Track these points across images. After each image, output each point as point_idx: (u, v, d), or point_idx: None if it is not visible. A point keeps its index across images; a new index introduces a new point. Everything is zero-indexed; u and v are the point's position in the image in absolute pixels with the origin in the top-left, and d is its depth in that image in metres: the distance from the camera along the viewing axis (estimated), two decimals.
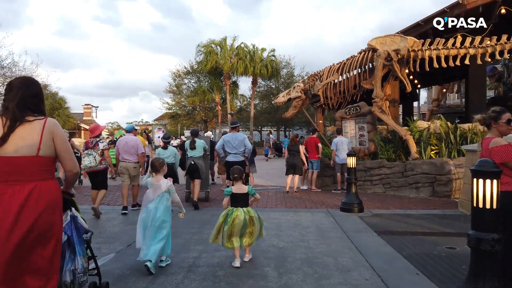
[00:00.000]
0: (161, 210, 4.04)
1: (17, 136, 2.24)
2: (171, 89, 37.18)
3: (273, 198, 9.18)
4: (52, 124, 2.35)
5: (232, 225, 4.02)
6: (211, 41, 30.19)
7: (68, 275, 2.64)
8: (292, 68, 36.60)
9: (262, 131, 45.84)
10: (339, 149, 10.19)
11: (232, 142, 7.85)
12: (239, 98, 36.36)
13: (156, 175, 4.26)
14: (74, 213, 2.78)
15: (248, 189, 4.27)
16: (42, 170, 2.30)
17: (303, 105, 12.65)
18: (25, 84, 2.39)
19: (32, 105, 2.35)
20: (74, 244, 2.69)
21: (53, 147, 2.34)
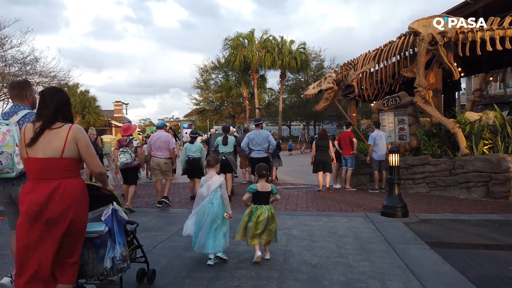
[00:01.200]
0: (217, 205, 4.15)
1: (45, 141, 2.54)
2: (198, 85, 36.87)
3: (304, 199, 8.35)
4: (75, 131, 2.60)
5: (257, 223, 4.11)
6: (238, 34, 29.54)
7: (108, 262, 2.89)
8: (322, 60, 35.38)
9: (291, 125, 44.86)
10: (377, 144, 9.22)
11: (257, 139, 8.11)
12: (267, 92, 35.54)
13: (210, 171, 4.43)
14: (116, 207, 3.04)
15: (272, 187, 4.35)
16: (66, 170, 2.57)
17: (335, 97, 11.68)
18: (56, 94, 2.68)
19: (62, 112, 2.64)
20: (115, 235, 2.94)
21: (77, 150, 2.61)
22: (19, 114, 3.10)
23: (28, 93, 3.25)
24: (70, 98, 2.81)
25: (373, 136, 9.39)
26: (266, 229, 4.15)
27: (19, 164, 2.93)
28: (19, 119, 3.06)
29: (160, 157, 7.43)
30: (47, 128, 2.56)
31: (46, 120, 2.57)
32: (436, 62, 9.91)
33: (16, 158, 2.93)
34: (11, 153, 2.93)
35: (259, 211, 4.17)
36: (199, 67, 36.19)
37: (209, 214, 4.09)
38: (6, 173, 2.95)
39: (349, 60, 11.43)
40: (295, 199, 8.44)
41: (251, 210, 4.23)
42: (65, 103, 2.69)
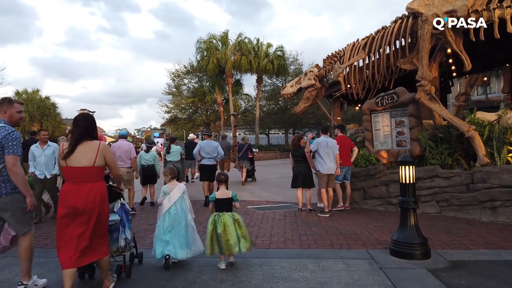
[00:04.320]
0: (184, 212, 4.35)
1: (80, 153, 3.30)
2: (170, 91, 34.52)
3: (281, 226, 6.29)
4: (103, 147, 3.41)
5: (225, 232, 4.09)
6: (211, 36, 27.49)
7: (122, 242, 3.84)
8: (300, 65, 33.66)
9: (269, 133, 42.96)
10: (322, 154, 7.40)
11: (207, 148, 8.67)
12: (243, 98, 33.51)
13: (171, 181, 4.54)
14: (123, 202, 4.03)
15: (232, 194, 4.37)
16: (95, 175, 3.36)
17: (318, 96, 9.77)
18: (85, 119, 3.45)
19: (89, 133, 3.40)
20: (124, 222, 3.91)
21: (104, 161, 3.41)
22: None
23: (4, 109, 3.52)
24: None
25: (318, 142, 7.44)
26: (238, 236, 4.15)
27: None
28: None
29: (122, 166, 7.45)
30: (78, 145, 3.31)
31: (78, 139, 3.33)
32: (440, 50, 8.14)
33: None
34: None
35: (222, 218, 4.18)
36: (170, 71, 33.94)
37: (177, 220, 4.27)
38: None
39: (334, 51, 9.55)
40: (270, 225, 6.37)
41: (214, 218, 4.24)
42: (91, 126, 3.44)
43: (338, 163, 7.43)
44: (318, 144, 7.40)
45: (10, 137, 3.29)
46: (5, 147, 3.26)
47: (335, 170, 7.39)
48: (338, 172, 7.47)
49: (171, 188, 4.41)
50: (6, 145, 3.26)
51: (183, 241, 4.18)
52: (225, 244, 4.05)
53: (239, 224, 4.21)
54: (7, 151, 3.26)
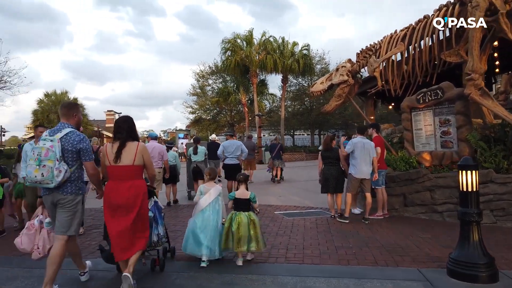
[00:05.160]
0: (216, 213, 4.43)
1: (123, 154, 3.56)
2: (194, 92, 34.34)
3: (314, 236, 5.65)
4: (141, 147, 3.66)
5: (238, 231, 4.24)
6: (236, 35, 27.03)
7: (155, 237, 4.04)
8: (327, 64, 32.72)
9: (294, 135, 42.18)
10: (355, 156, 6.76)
11: (230, 148, 8.85)
12: (268, 99, 32.87)
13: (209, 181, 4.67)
14: (155, 199, 4.20)
15: (250, 196, 4.48)
16: (135, 173, 3.61)
17: (351, 94, 9.05)
18: (125, 122, 3.71)
19: (130, 134, 3.66)
20: (157, 218, 4.11)
21: (142, 160, 3.65)
22: (62, 131, 3.49)
23: (74, 113, 3.69)
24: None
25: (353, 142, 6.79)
26: (251, 236, 4.26)
27: (58, 176, 3.33)
28: (62, 136, 3.45)
29: (155, 166, 7.39)
30: (122, 146, 3.57)
31: (122, 141, 3.60)
32: (490, 41, 7.28)
33: (56, 171, 3.32)
34: (51, 166, 3.32)
35: (238, 217, 4.32)
36: (195, 72, 33.73)
37: (210, 221, 4.35)
38: (46, 184, 3.35)
39: (368, 45, 8.81)
40: (301, 235, 5.74)
41: (231, 216, 4.38)
42: (131, 127, 3.70)
43: (375, 167, 6.75)
44: (354, 145, 6.73)
45: (85, 144, 3.55)
46: (82, 154, 3.53)
47: (369, 174, 6.72)
48: (375, 177, 6.79)
49: (208, 189, 4.53)
50: (83, 152, 3.53)
51: (213, 241, 4.28)
52: (236, 242, 4.23)
53: (254, 224, 4.32)
54: (85, 158, 3.55)
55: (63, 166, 3.36)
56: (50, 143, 3.37)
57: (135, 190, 3.53)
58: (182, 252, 4.53)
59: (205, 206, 4.40)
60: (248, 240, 4.23)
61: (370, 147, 6.75)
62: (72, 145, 3.45)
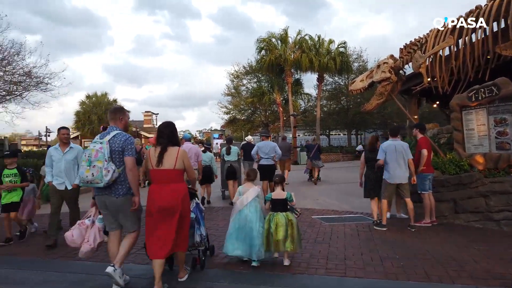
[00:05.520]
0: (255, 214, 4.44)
1: (165, 158, 3.68)
2: (229, 92, 34.42)
3: (356, 245, 5.25)
4: (182, 152, 3.80)
5: (276, 231, 4.25)
6: (270, 34, 26.76)
7: (198, 237, 4.15)
8: (365, 62, 31.75)
9: (330, 135, 41.34)
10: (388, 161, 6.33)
11: (264, 149, 8.72)
12: (303, 98, 32.32)
13: (248, 182, 4.75)
14: (197, 201, 4.29)
15: (287, 196, 4.51)
16: (176, 177, 3.73)
17: (394, 91, 8.51)
18: (167, 127, 3.86)
19: (171, 139, 3.80)
20: (199, 219, 4.21)
21: (183, 165, 3.78)
22: (111, 134, 3.71)
23: (120, 117, 3.91)
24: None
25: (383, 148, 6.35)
26: (288, 236, 4.26)
27: (106, 176, 3.51)
28: (110, 138, 3.67)
29: None
30: (164, 151, 3.70)
31: (163, 146, 3.72)
32: None
33: (104, 171, 3.50)
34: (101, 166, 3.50)
35: (276, 217, 4.34)
36: (229, 73, 33.78)
37: (248, 222, 4.38)
38: (96, 183, 3.53)
39: (413, 39, 8.25)
40: (342, 243, 5.37)
41: (269, 218, 4.42)
42: (172, 133, 3.86)
43: (412, 170, 6.30)
44: (386, 149, 6.33)
45: (128, 141, 3.71)
46: (125, 150, 3.68)
47: (407, 178, 6.27)
48: (414, 180, 6.34)
49: (246, 189, 4.55)
50: (126, 148, 3.68)
51: (253, 242, 4.30)
52: (274, 242, 4.25)
53: (292, 225, 4.33)
54: (127, 153, 3.68)
55: (111, 166, 3.56)
56: (99, 145, 3.59)
57: (176, 193, 3.64)
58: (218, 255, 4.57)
59: (243, 207, 4.44)
60: (284, 239, 4.25)
61: (403, 148, 6.30)
62: (118, 145, 3.67)
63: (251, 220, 4.37)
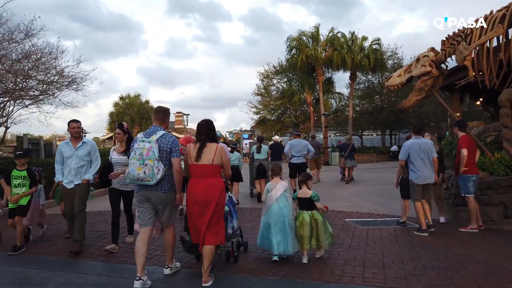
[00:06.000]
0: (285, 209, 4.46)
1: (204, 154, 3.84)
2: (259, 92, 34.18)
3: (395, 251, 4.83)
4: (220, 148, 3.93)
5: (301, 229, 4.37)
6: (301, 32, 26.27)
7: (230, 230, 4.28)
8: (400, 59, 30.58)
9: (363, 135, 40.25)
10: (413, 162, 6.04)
11: (297, 147, 9.01)
12: (334, 98, 31.57)
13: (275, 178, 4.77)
14: (230, 195, 4.48)
15: (312, 195, 4.50)
16: (214, 172, 3.87)
17: (434, 87, 7.92)
18: (205, 125, 3.99)
19: (209, 136, 3.94)
20: (232, 212, 4.39)
21: (221, 160, 3.89)
22: (157, 134, 3.82)
23: (167, 119, 4.12)
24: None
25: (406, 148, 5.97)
26: (313, 234, 4.35)
27: (158, 174, 3.66)
28: (157, 138, 3.78)
29: None
30: (203, 147, 3.85)
31: (202, 142, 3.88)
32: None
33: (155, 170, 3.64)
34: (152, 165, 3.64)
35: (301, 215, 4.45)
36: (259, 72, 33.55)
37: (279, 217, 4.40)
38: (147, 181, 3.67)
39: (456, 30, 7.65)
40: (379, 249, 4.96)
41: (295, 215, 4.50)
42: (210, 130, 3.99)
43: (436, 170, 5.96)
44: (409, 148, 5.96)
45: (175, 143, 3.87)
46: (173, 151, 3.83)
47: (433, 178, 5.91)
48: (436, 178, 6.05)
49: (274, 185, 4.61)
50: (173, 149, 3.83)
51: (284, 236, 4.34)
52: (299, 239, 4.35)
53: (317, 224, 4.38)
54: (174, 155, 3.83)
55: (161, 165, 3.70)
56: (148, 144, 3.70)
57: (213, 187, 3.78)
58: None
59: (272, 202, 4.49)
60: (310, 237, 4.33)
61: (428, 147, 5.95)
62: (167, 146, 3.80)
63: (283, 214, 4.42)
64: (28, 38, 9.71)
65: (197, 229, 3.75)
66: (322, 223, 4.39)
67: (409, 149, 5.97)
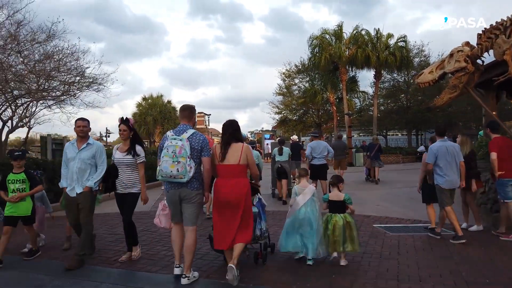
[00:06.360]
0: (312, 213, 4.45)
1: (229, 154, 3.88)
2: (280, 91, 33.78)
3: (431, 263, 4.42)
4: (246, 148, 3.95)
5: (333, 232, 4.27)
6: (324, 30, 25.78)
7: (258, 231, 4.30)
8: (427, 57, 29.57)
9: (387, 135, 39.25)
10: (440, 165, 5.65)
11: (317, 149, 8.93)
12: (358, 97, 30.83)
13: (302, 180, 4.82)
14: (260, 196, 4.51)
15: (345, 197, 4.43)
16: (240, 172, 3.91)
17: (470, 84, 7.38)
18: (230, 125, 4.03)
19: (235, 136, 3.97)
20: (261, 214, 4.39)
21: (246, 160, 3.92)
22: (188, 132, 3.86)
23: (194, 116, 4.15)
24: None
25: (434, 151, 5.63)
26: (347, 237, 4.26)
27: (190, 172, 3.70)
28: (188, 136, 3.81)
29: None
30: (227, 147, 3.89)
31: (227, 142, 3.91)
32: None
33: (188, 167, 3.67)
34: (184, 163, 3.67)
35: (334, 219, 4.34)
36: (280, 72, 33.14)
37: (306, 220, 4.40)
38: (180, 178, 3.69)
39: (494, 23, 7.11)
40: (413, 259, 4.56)
41: (326, 219, 4.44)
42: (236, 129, 4.02)
43: (463, 174, 5.61)
44: (436, 151, 5.61)
45: (206, 142, 3.89)
46: (203, 150, 3.85)
47: (459, 183, 5.66)
48: (463, 184, 5.70)
49: (302, 189, 4.59)
50: (204, 148, 3.86)
51: (312, 239, 4.33)
52: (332, 243, 4.29)
53: (350, 226, 4.31)
54: (205, 154, 3.87)
55: (192, 163, 3.73)
56: (180, 142, 3.72)
57: (239, 187, 3.81)
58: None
59: (301, 205, 4.45)
60: (343, 240, 4.25)
61: (455, 150, 5.66)
62: (198, 144, 3.82)
63: (309, 218, 4.40)
64: (50, 39, 9.76)
65: (222, 231, 3.79)
66: (354, 226, 4.35)
67: (436, 152, 5.63)
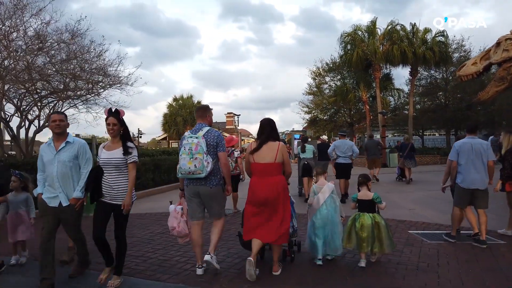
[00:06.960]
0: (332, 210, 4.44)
1: (265, 152, 3.95)
2: (311, 91, 33.03)
3: (477, 277, 3.83)
4: (282, 147, 4.00)
5: (361, 232, 4.20)
6: (356, 27, 24.84)
7: (290, 229, 4.14)
8: (467, 52, 27.89)
9: (424, 135, 37.55)
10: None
11: (342, 148, 9.11)
12: (393, 95, 29.54)
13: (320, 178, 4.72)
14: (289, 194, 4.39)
15: (373, 196, 4.35)
16: (276, 170, 3.97)
17: None
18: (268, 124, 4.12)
19: (271, 134, 4.07)
20: (292, 211, 4.32)
21: (282, 159, 3.98)
22: (203, 130, 4.02)
23: (207, 114, 4.23)
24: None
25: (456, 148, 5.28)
26: (375, 237, 4.17)
27: (207, 167, 3.80)
28: (204, 133, 3.97)
29: None
30: (264, 145, 3.98)
31: (263, 141, 4.00)
32: None
33: (205, 163, 3.79)
34: (201, 159, 3.79)
35: (362, 218, 4.27)
36: (311, 70, 32.39)
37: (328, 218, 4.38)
38: (198, 174, 3.79)
39: None
40: (455, 271, 4.00)
41: (354, 217, 4.37)
42: (273, 129, 4.12)
43: (490, 174, 5.20)
44: (459, 147, 5.19)
45: (221, 137, 4.05)
46: (218, 145, 3.98)
47: (486, 183, 5.18)
48: (497, 188, 5.47)
49: (320, 188, 4.56)
50: (219, 143, 3.99)
51: (333, 237, 4.33)
52: (360, 243, 4.20)
53: (379, 227, 4.23)
54: (220, 149, 3.99)
55: (209, 158, 3.85)
56: (196, 140, 3.85)
57: (275, 185, 3.88)
58: None
59: (320, 204, 4.43)
60: (372, 240, 4.18)
61: (482, 148, 5.15)
62: (213, 140, 3.96)
63: (332, 217, 4.40)
64: (73, 39, 9.79)
65: (254, 223, 3.87)
66: (385, 227, 4.25)
67: (459, 148, 5.22)
